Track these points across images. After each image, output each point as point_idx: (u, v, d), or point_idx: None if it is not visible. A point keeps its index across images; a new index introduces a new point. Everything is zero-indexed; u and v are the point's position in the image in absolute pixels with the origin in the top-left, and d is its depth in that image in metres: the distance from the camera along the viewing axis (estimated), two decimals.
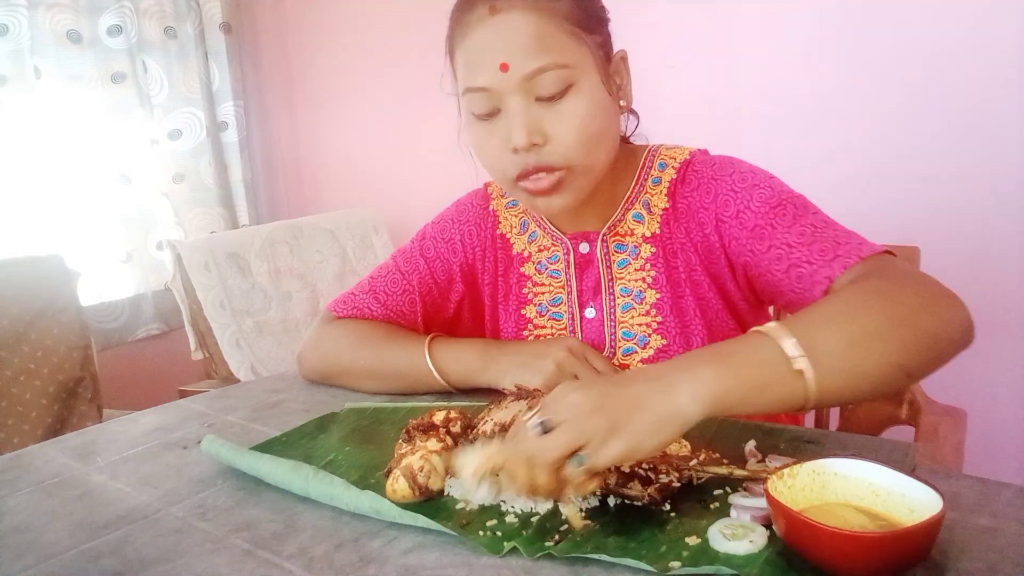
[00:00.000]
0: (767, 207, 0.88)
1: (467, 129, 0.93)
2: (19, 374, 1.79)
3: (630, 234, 0.99)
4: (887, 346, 0.67)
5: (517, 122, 0.85)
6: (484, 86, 0.86)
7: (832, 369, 0.65)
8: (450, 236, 1.09)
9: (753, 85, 1.93)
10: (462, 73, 0.89)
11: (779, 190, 0.90)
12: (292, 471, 0.72)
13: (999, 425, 1.68)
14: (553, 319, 1.03)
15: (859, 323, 0.68)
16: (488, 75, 0.85)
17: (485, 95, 0.87)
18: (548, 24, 0.85)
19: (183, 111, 2.68)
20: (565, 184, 0.88)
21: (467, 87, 0.88)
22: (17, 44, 2.25)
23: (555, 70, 0.84)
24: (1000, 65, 1.61)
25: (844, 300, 0.72)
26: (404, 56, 2.59)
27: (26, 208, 2.30)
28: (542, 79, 0.84)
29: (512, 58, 0.84)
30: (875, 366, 0.67)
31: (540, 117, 0.86)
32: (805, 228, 0.85)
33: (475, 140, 0.92)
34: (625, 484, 0.64)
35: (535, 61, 0.84)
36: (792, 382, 0.64)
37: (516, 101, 0.85)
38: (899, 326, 0.69)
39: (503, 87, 0.85)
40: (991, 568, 0.54)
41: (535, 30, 0.84)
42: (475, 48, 0.86)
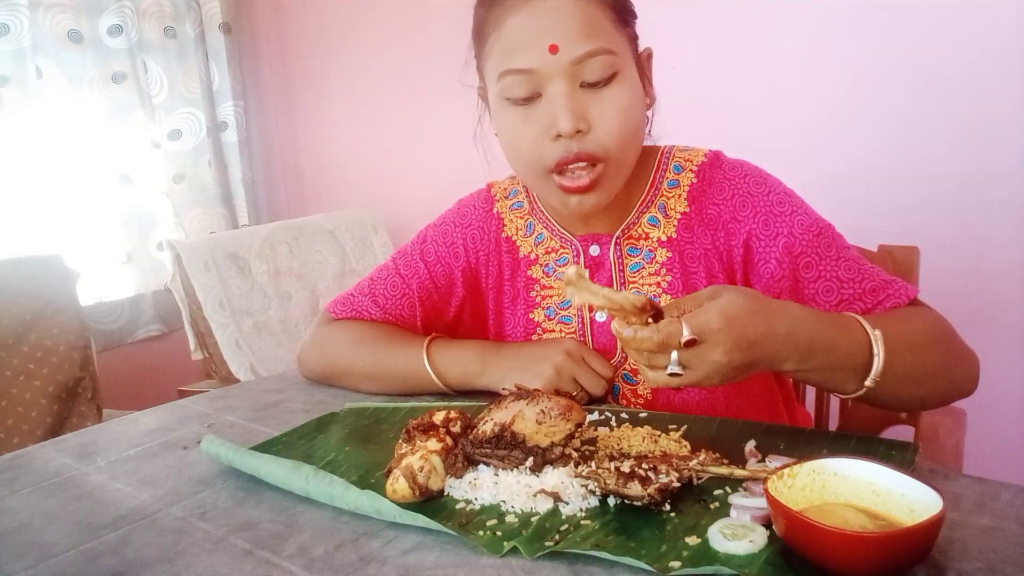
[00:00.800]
0: (810, 235, 0.90)
1: (498, 115, 0.90)
2: (19, 374, 1.79)
3: (644, 237, 0.97)
4: (926, 385, 0.80)
5: (563, 106, 0.83)
6: (528, 68, 0.84)
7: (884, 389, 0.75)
8: (452, 240, 1.07)
9: (753, 85, 1.93)
10: (500, 55, 0.87)
11: (815, 217, 0.92)
12: (292, 471, 0.72)
13: (999, 425, 1.68)
14: (562, 323, 1.02)
15: (922, 361, 0.79)
16: (534, 57, 0.83)
17: (527, 78, 0.85)
18: (596, 10, 0.85)
19: (183, 111, 2.68)
20: (601, 180, 0.87)
21: (507, 69, 0.85)
22: (19, 44, 2.25)
23: (603, 56, 0.84)
24: (1000, 65, 1.61)
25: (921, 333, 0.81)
26: (404, 56, 2.59)
27: (27, 208, 2.30)
28: (590, 64, 0.83)
29: (561, 40, 0.82)
30: (909, 394, 0.80)
31: (585, 103, 0.84)
32: (850, 264, 0.89)
33: (508, 126, 0.89)
34: (625, 484, 0.64)
35: (585, 45, 0.83)
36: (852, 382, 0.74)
37: (562, 85, 0.84)
38: (942, 374, 0.81)
39: (550, 70, 0.83)
40: (991, 568, 0.54)
41: (584, 14, 0.84)
42: (519, 29, 0.84)
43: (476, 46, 0.92)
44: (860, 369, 0.74)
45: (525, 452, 0.71)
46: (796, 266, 0.90)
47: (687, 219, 0.96)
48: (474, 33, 0.92)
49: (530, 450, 0.71)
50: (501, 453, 0.72)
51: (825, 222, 0.92)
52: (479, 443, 0.73)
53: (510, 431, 0.72)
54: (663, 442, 0.77)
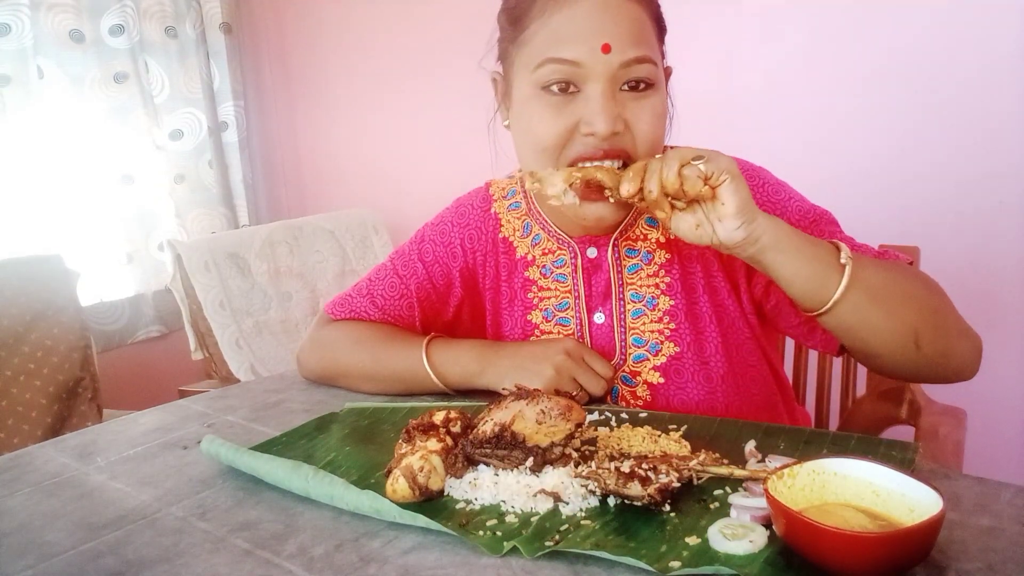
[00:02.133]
0: (807, 220, 0.90)
1: (524, 105, 0.89)
2: (19, 374, 1.79)
3: (643, 239, 0.97)
4: (912, 310, 0.79)
5: (602, 107, 0.83)
6: (575, 60, 0.84)
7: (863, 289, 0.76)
8: (449, 240, 1.07)
9: (754, 86, 1.93)
10: (544, 43, 0.86)
11: (810, 205, 0.93)
12: (292, 471, 0.72)
13: (999, 425, 1.68)
14: (560, 324, 1.02)
15: (904, 281, 0.80)
16: (584, 51, 0.83)
17: (570, 70, 0.84)
18: (645, 18, 0.86)
19: (184, 111, 2.68)
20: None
21: (552, 57, 0.85)
22: (20, 44, 2.25)
23: (648, 64, 0.85)
24: (1001, 66, 1.61)
25: (903, 266, 0.84)
26: (404, 56, 2.59)
27: (28, 208, 2.30)
28: (635, 69, 0.84)
29: (615, 41, 0.83)
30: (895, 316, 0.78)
31: (622, 106, 0.85)
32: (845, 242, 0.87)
33: (535, 114, 0.87)
34: (625, 484, 0.64)
35: (635, 50, 0.84)
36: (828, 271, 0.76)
37: (605, 86, 0.84)
38: (929, 305, 0.81)
39: (597, 68, 0.83)
40: (991, 568, 0.54)
41: (636, 20, 0.85)
42: (572, 20, 0.84)
43: (509, 30, 0.91)
44: (833, 256, 0.77)
45: (525, 452, 0.71)
46: None
47: None
48: (509, 16, 0.91)
49: (530, 450, 0.71)
50: (501, 453, 0.72)
51: (822, 209, 0.93)
52: (479, 443, 0.73)
53: (510, 431, 0.72)
54: (663, 442, 0.77)
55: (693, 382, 0.95)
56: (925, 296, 0.82)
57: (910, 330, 0.78)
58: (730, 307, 0.96)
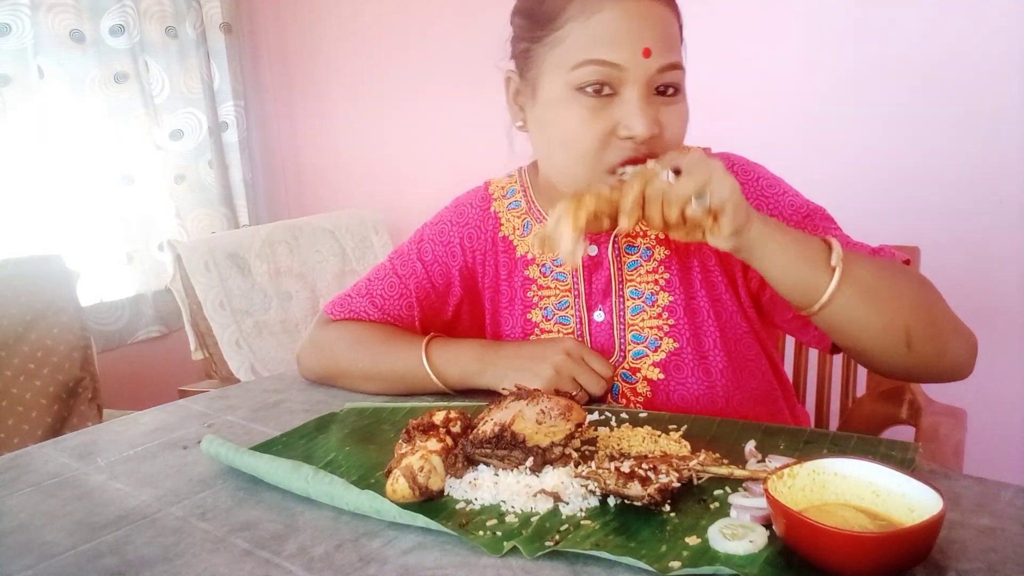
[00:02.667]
0: (799, 215, 0.91)
1: (560, 106, 0.88)
2: (19, 374, 1.79)
3: (642, 235, 0.98)
4: (903, 309, 0.79)
5: (643, 111, 0.84)
6: (617, 62, 0.84)
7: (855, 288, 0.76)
8: (449, 239, 1.07)
9: (753, 85, 1.93)
10: (583, 43, 0.85)
11: (804, 200, 0.93)
12: (292, 471, 0.72)
13: (999, 425, 1.68)
14: (560, 323, 1.02)
15: (896, 280, 0.80)
16: (626, 54, 0.84)
17: (611, 72, 0.85)
18: (676, 25, 0.89)
19: (184, 111, 2.68)
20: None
21: (593, 59, 0.85)
22: (20, 44, 2.25)
23: (679, 70, 0.87)
24: (1001, 65, 1.61)
25: (896, 264, 0.84)
26: (404, 56, 2.59)
27: (28, 209, 2.30)
28: (669, 75, 0.86)
29: (655, 45, 0.84)
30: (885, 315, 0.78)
31: (657, 109, 0.86)
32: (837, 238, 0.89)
33: (571, 117, 0.87)
34: (625, 484, 0.64)
35: (671, 56, 0.86)
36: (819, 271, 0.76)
37: (643, 89, 0.85)
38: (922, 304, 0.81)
39: (637, 71, 0.84)
40: (991, 568, 0.54)
41: (671, 25, 0.87)
42: (615, 22, 0.84)
43: (534, 29, 0.90)
44: (824, 255, 0.77)
45: (525, 452, 0.71)
46: None
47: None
48: (534, 17, 0.90)
49: (530, 450, 0.71)
50: (501, 453, 0.72)
51: (815, 204, 0.93)
52: (479, 443, 0.73)
53: (510, 431, 0.72)
54: (663, 442, 0.77)
55: (693, 377, 0.95)
56: (918, 295, 0.81)
57: (901, 329, 0.78)
58: (728, 302, 0.96)
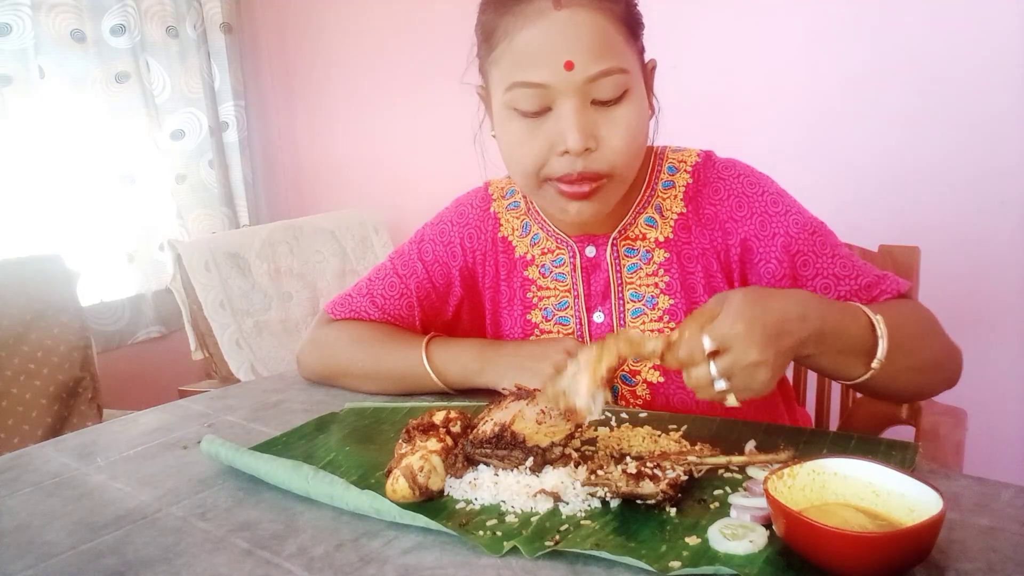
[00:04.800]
0: (805, 233, 0.91)
1: (501, 125, 0.89)
2: (19, 374, 1.79)
3: (642, 238, 0.98)
4: (923, 372, 0.85)
5: (573, 124, 0.82)
6: (541, 82, 0.83)
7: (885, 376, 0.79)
8: (449, 239, 1.07)
9: (754, 85, 1.93)
10: (510, 66, 0.85)
11: (808, 216, 0.94)
12: (292, 471, 0.72)
13: (999, 425, 1.68)
14: (560, 324, 1.02)
15: (919, 348, 0.84)
16: (548, 72, 0.82)
17: (538, 92, 0.83)
18: (609, 26, 0.83)
19: (185, 111, 2.68)
20: (602, 191, 0.87)
21: (517, 81, 0.84)
22: (21, 44, 2.25)
23: (617, 75, 0.83)
24: (1001, 66, 1.61)
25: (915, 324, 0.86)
26: (404, 56, 2.59)
27: (30, 209, 2.29)
28: (603, 83, 0.83)
29: (577, 57, 0.81)
30: (908, 381, 0.84)
31: (594, 121, 0.84)
32: (845, 261, 0.92)
33: (512, 137, 0.88)
34: (637, 484, 0.64)
35: (600, 63, 0.82)
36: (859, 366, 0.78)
37: (573, 102, 0.83)
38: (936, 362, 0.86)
39: (563, 86, 0.82)
40: (991, 568, 0.54)
41: (600, 31, 0.82)
42: (533, 42, 0.82)
43: (482, 48, 0.91)
44: (866, 351, 0.77)
45: (525, 452, 0.71)
46: (794, 264, 0.91)
47: (684, 219, 0.96)
48: (481, 35, 0.91)
49: (530, 450, 0.71)
50: (501, 453, 0.72)
51: (818, 220, 0.94)
52: (479, 443, 0.73)
53: (510, 431, 0.72)
54: (663, 442, 0.77)
55: None
56: (932, 359, 0.86)
57: (915, 389, 0.87)
58: None
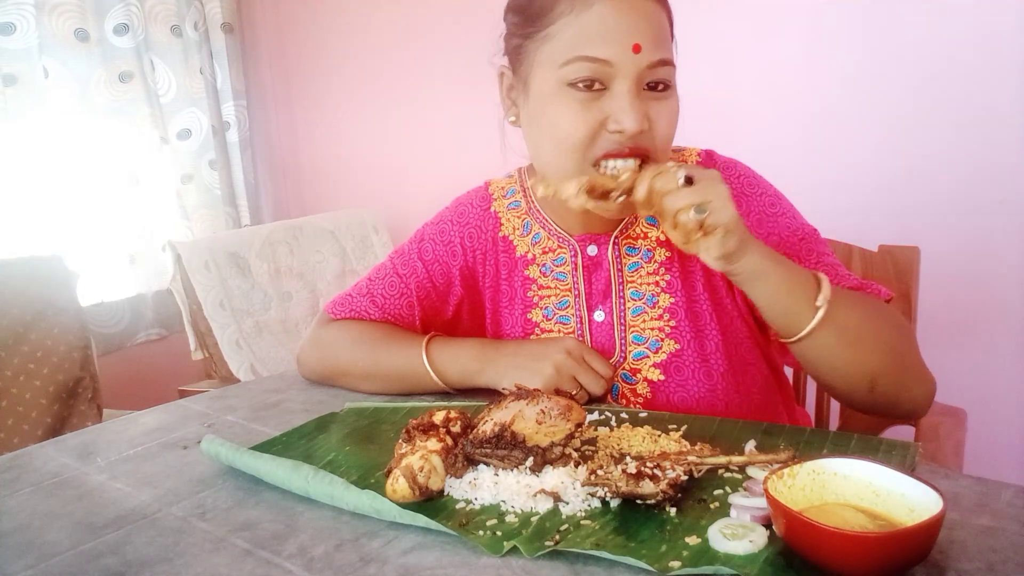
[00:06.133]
0: (795, 238, 0.93)
1: (551, 100, 0.89)
2: (19, 374, 1.79)
3: (643, 237, 0.98)
4: (877, 356, 0.82)
5: (633, 105, 0.85)
6: (607, 58, 0.85)
7: (833, 330, 0.79)
8: (449, 238, 1.07)
9: (753, 85, 1.93)
10: (573, 39, 0.86)
11: (801, 222, 0.95)
12: (292, 471, 0.72)
13: (999, 425, 1.68)
14: (560, 323, 1.02)
15: (872, 324, 0.83)
16: (615, 49, 0.85)
17: (601, 68, 0.85)
18: (666, 20, 0.89)
19: (188, 111, 2.68)
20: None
21: (583, 55, 0.86)
22: (26, 43, 2.24)
23: (669, 67, 0.88)
24: (1000, 65, 1.61)
25: (877, 306, 0.86)
26: (404, 56, 2.59)
27: (32, 209, 2.29)
28: (659, 71, 0.87)
29: (645, 42, 0.85)
30: (858, 358, 0.82)
31: (647, 105, 0.87)
32: (828, 268, 0.91)
33: (562, 111, 0.88)
34: (637, 484, 0.64)
35: (661, 52, 0.86)
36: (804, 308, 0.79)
37: (633, 85, 0.86)
38: (893, 351, 0.84)
39: (627, 67, 0.85)
40: (991, 568, 0.54)
41: (661, 22, 0.88)
42: (604, 19, 0.85)
43: (526, 26, 0.91)
44: (813, 294, 0.79)
45: (525, 452, 0.71)
46: None
47: None
48: (526, 13, 0.91)
49: (530, 450, 0.71)
50: (501, 453, 0.72)
51: (810, 227, 0.95)
52: (479, 443, 0.73)
53: (510, 431, 0.72)
54: (663, 442, 0.77)
55: (693, 379, 0.95)
56: (890, 342, 0.84)
57: (867, 375, 0.83)
58: (729, 305, 0.96)
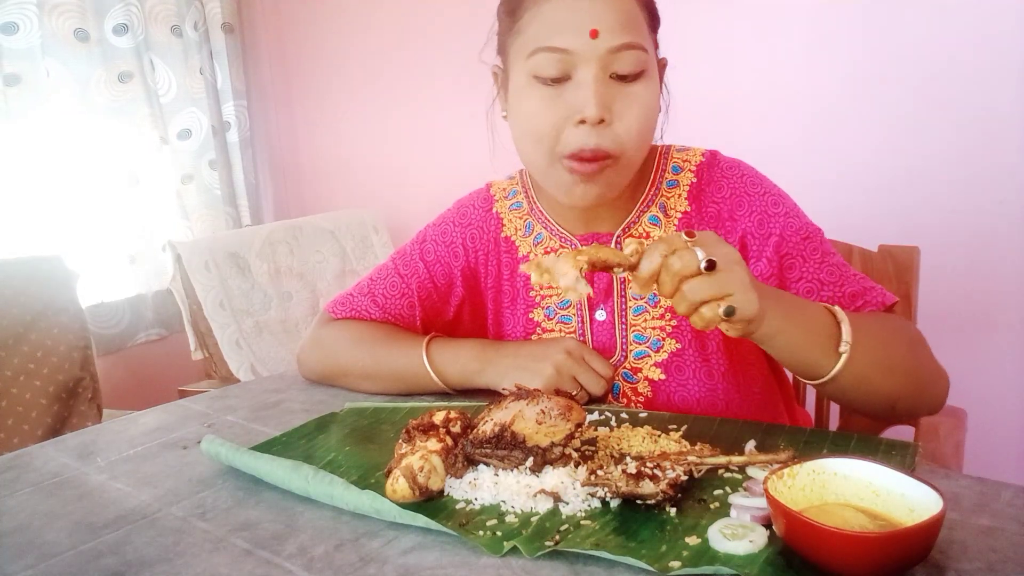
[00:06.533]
0: (798, 237, 0.92)
1: (519, 95, 0.90)
2: (19, 374, 1.79)
3: (645, 236, 0.98)
4: (895, 379, 0.82)
5: (593, 93, 0.84)
6: (565, 47, 0.84)
7: (855, 369, 0.77)
8: (451, 240, 1.08)
9: (753, 85, 1.93)
10: (536, 32, 0.86)
11: (805, 221, 0.94)
12: (292, 471, 0.72)
13: (999, 425, 1.68)
14: (562, 322, 1.02)
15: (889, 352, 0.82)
16: (573, 38, 0.84)
17: (561, 58, 0.85)
18: (634, 6, 0.86)
19: (188, 111, 2.68)
20: (608, 171, 0.88)
21: (542, 46, 0.85)
22: (28, 43, 2.24)
23: (637, 51, 0.85)
24: (1001, 65, 1.61)
25: (891, 327, 0.85)
26: (404, 56, 2.59)
27: (33, 208, 2.28)
28: (624, 56, 0.84)
29: (602, 27, 0.83)
30: (879, 386, 0.81)
31: (612, 94, 0.85)
32: (832, 268, 0.91)
33: (529, 106, 0.88)
34: (637, 484, 0.64)
35: (624, 36, 0.84)
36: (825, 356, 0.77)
37: (594, 72, 0.84)
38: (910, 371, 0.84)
39: (586, 54, 0.84)
40: (991, 568, 0.54)
41: (625, 6, 0.85)
42: (561, 9, 0.85)
43: (505, 21, 0.92)
44: (833, 340, 0.77)
45: (525, 452, 0.71)
46: (782, 266, 0.92)
47: (688, 218, 0.96)
48: (505, 8, 0.92)
49: (530, 450, 0.71)
50: (501, 453, 0.72)
51: (814, 227, 0.94)
52: (479, 443, 0.73)
53: (510, 431, 0.72)
54: (663, 442, 0.77)
55: (694, 379, 0.95)
56: (908, 366, 0.84)
57: (889, 401, 0.83)
58: None
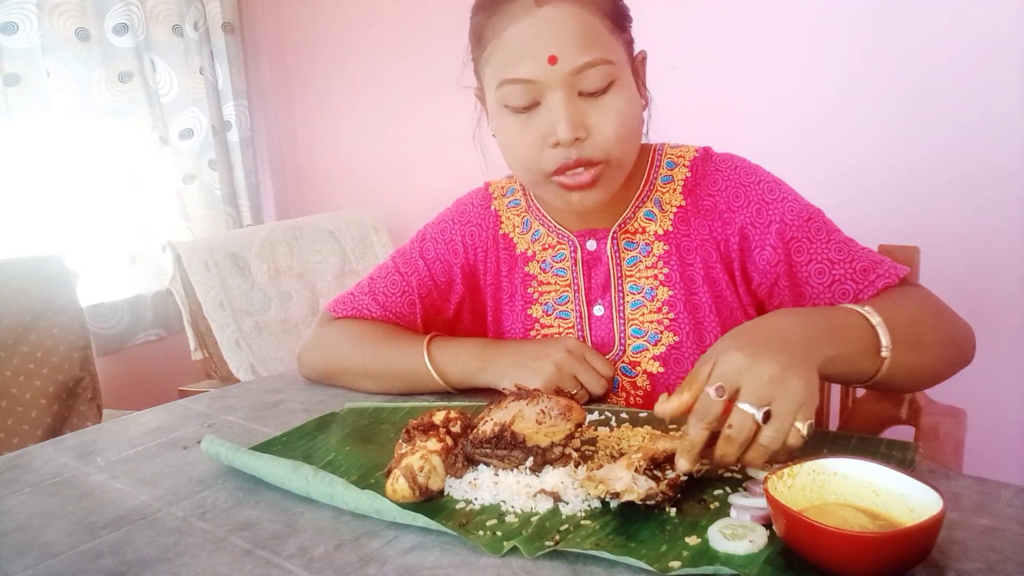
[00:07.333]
0: (800, 220, 0.92)
1: (496, 122, 0.92)
2: (19, 374, 1.79)
3: (641, 231, 0.99)
4: (933, 354, 0.83)
5: (562, 116, 0.85)
6: (528, 78, 0.85)
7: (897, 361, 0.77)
8: (450, 237, 1.08)
9: (753, 85, 1.93)
10: (499, 64, 0.87)
11: (804, 203, 0.94)
12: (292, 471, 0.72)
13: (999, 425, 1.68)
14: (560, 318, 1.03)
15: (923, 331, 0.82)
16: (533, 67, 0.84)
17: (526, 87, 0.86)
18: (592, 19, 0.86)
19: (189, 111, 2.68)
20: (602, 178, 0.89)
21: (506, 79, 0.87)
22: (28, 43, 2.24)
23: (601, 66, 0.85)
24: (1000, 65, 1.61)
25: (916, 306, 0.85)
26: (404, 56, 2.59)
27: (34, 208, 2.28)
28: (588, 74, 0.85)
29: (560, 51, 0.84)
30: (921, 366, 0.82)
31: (583, 111, 0.86)
32: (840, 245, 0.91)
33: (506, 134, 0.90)
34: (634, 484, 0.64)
35: (583, 56, 0.84)
36: (868, 364, 0.76)
37: (560, 95, 0.85)
38: (945, 341, 0.85)
39: (549, 80, 0.85)
40: (991, 568, 0.54)
41: (582, 24, 0.85)
42: (518, 39, 0.85)
43: (474, 50, 0.93)
44: (873, 344, 0.76)
45: (525, 452, 0.71)
46: (789, 251, 0.92)
47: (683, 212, 0.97)
48: (472, 37, 0.93)
49: (530, 450, 0.71)
50: (501, 453, 0.72)
51: (814, 208, 0.94)
52: (479, 443, 0.73)
53: (510, 431, 0.72)
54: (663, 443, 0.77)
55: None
56: (941, 336, 0.85)
57: (932, 374, 0.85)
58: (729, 298, 0.97)
